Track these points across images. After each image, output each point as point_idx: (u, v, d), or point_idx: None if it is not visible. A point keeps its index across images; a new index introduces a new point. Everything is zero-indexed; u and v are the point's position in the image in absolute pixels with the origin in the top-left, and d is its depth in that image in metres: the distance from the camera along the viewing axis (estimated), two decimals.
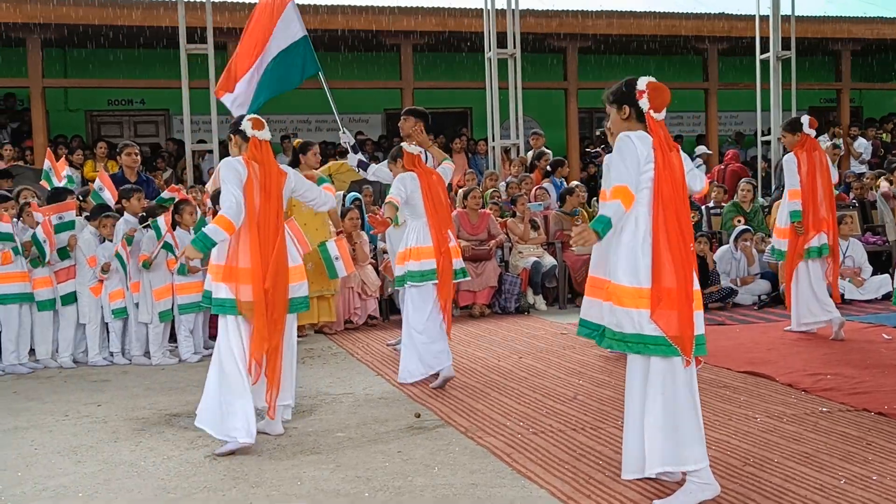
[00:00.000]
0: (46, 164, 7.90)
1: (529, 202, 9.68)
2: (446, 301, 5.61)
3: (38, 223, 6.41)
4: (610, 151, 3.65)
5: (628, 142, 3.35)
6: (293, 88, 7.92)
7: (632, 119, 3.45)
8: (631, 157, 3.32)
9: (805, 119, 6.77)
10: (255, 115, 4.44)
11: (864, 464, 3.65)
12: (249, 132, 4.36)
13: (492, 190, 10.26)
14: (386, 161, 7.48)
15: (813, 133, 6.76)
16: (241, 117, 4.46)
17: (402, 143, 5.89)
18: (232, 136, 4.46)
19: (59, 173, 7.78)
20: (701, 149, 13.83)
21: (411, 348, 5.58)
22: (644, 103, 3.39)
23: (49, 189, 7.45)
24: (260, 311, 4.19)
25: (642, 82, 3.41)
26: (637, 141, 3.34)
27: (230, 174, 4.26)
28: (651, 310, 3.24)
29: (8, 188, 8.60)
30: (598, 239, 3.29)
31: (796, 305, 6.83)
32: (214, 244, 4.16)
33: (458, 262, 5.81)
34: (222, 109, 11.38)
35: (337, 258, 7.41)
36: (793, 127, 6.79)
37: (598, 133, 13.27)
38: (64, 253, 6.59)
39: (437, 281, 5.54)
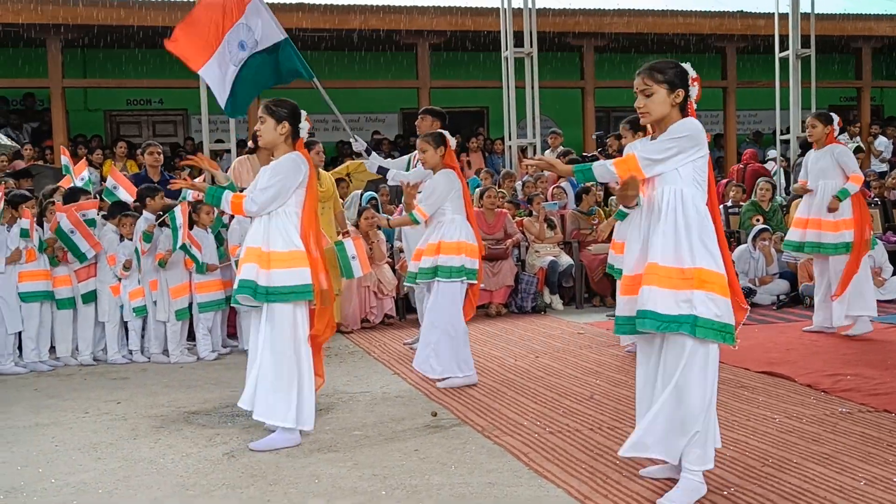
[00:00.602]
0: (64, 159, 7.96)
1: (545, 201, 9.66)
2: (473, 304, 5.56)
3: (58, 223, 6.46)
4: (606, 155, 3.61)
5: (700, 131, 3.24)
6: (269, 87, 7.65)
7: (677, 105, 3.29)
8: (699, 146, 3.23)
9: (836, 116, 6.81)
10: (308, 114, 4.36)
11: (885, 465, 3.62)
12: (304, 133, 4.30)
13: (494, 188, 10.23)
14: (403, 158, 7.51)
15: (837, 131, 6.82)
16: (297, 109, 4.32)
17: (442, 132, 5.63)
18: (286, 122, 4.25)
19: (78, 173, 7.85)
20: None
21: (445, 344, 5.41)
22: (693, 91, 3.31)
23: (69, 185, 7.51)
24: (329, 298, 4.25)
25: (691, 69, 3.32)
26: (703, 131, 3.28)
27: (291, 172, 4.18)
28: (731, 299, 3.22)
29: (28, 187, 8.71)
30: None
31: (850, 296, 6.69)
32: (217, 204, 4.32)
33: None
34: (258, 115, 11.41)
35: (354, 257, 7.42)
36: (827, 119, 6.77)
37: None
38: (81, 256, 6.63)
39: (476, 282, 5.50)
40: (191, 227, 6.73)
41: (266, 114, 4.26)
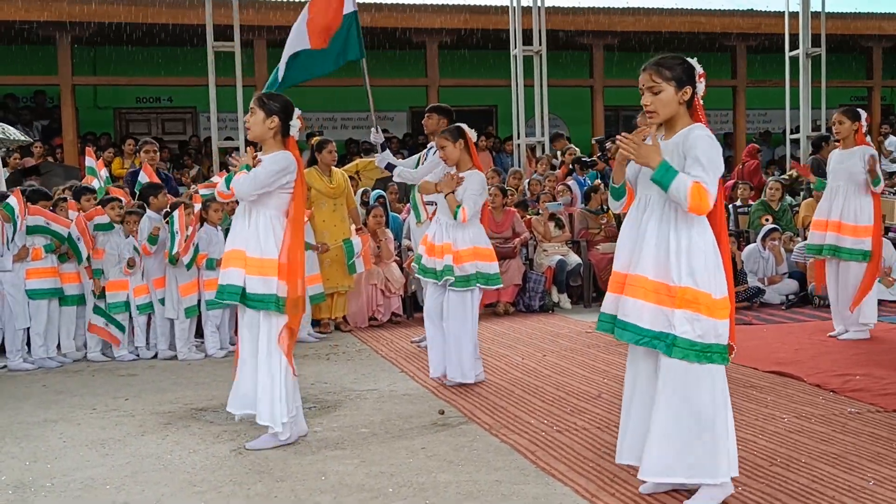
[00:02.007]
0: (90, 160, 7.97)
1: (550, 201, 9.64)
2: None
3: (71, 221, 6.48)
4: (606, 160, 3.48)
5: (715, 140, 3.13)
6: (327, 73, 7.55)
7: (684, 103, 3.17)
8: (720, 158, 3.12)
9: (863, 112, 6.56)
10: (301, 113, 4.23)
11: (894, 465, 3.60)
12: (295, 132, 4.17)
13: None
14: (412, 158, 7.50)
15: (865, 128, 6.54)
16: (290, 105, 4.16)
17: (459, 125, 5.51)
18: (276, 117, 4.09)
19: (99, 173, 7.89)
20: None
21: (468, 349, 5.41)
22: (700, 88, 3.19)
23: (84, 185, 7.53)
24: (302, 305, 4.19)
25: (697, 64, 3.19)
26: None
27: (279, 169, 4.04)
28: (730, 319, 3.13)
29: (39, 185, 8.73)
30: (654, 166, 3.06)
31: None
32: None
33: None
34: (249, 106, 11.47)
35: (359, 256, 7.46)
36: (854, 115, 6.48)
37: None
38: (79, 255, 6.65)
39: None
40: (201, 225, 6.76)
41: (257, 106, 4.13)
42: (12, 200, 6.31)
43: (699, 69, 3.19)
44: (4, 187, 7.51)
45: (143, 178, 7.29)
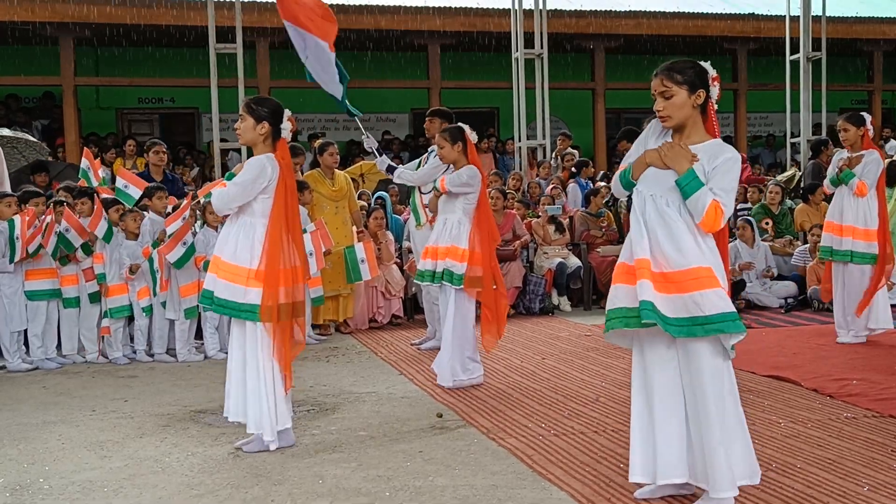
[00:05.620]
0: (84, 162, 7.97)
1: (549, 204, 9.65)
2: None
3: (67, 228, 6.49)
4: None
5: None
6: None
7: (698, 107, 3.15)
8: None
9: (867, 116, 6.49)
10: (291, 114, 4.20)
11: (889, 471, 3.61)
12: (286, 134, 4.16)
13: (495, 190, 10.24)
14: (414, 162, 7.53)
15: (871, 131, 6.47)
16: (279, 109, 4.13)
17: (460, 126, 5.55)
18: (266, 122, 4.09)
19: (97, 172, 7.86)
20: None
21: (457, 350, 5.46)
22: (714, 92, 3.17)
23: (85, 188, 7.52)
24: (297, 313, 4.17)
25: (710, 67, 3.17)
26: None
27: (254, 175, 4.04)
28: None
29: (42, 183, 8.75)
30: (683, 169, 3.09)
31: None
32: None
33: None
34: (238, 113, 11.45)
35: (363, 261, 7.45)
36: (859, 120, 6.40)
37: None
38: (87, 248, 6.66)
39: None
40: (201, 226, 6.78)
41: (246, 112, 4.12)
42: (17, 219, 6.28)
43: (712, 72, 3.17)
44: (8, 187, 7.52)
45: (121, 182, 7.13)
